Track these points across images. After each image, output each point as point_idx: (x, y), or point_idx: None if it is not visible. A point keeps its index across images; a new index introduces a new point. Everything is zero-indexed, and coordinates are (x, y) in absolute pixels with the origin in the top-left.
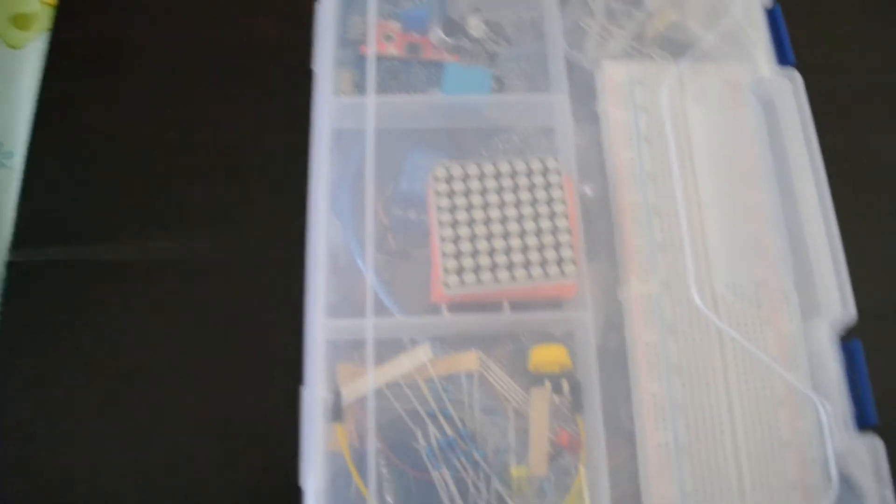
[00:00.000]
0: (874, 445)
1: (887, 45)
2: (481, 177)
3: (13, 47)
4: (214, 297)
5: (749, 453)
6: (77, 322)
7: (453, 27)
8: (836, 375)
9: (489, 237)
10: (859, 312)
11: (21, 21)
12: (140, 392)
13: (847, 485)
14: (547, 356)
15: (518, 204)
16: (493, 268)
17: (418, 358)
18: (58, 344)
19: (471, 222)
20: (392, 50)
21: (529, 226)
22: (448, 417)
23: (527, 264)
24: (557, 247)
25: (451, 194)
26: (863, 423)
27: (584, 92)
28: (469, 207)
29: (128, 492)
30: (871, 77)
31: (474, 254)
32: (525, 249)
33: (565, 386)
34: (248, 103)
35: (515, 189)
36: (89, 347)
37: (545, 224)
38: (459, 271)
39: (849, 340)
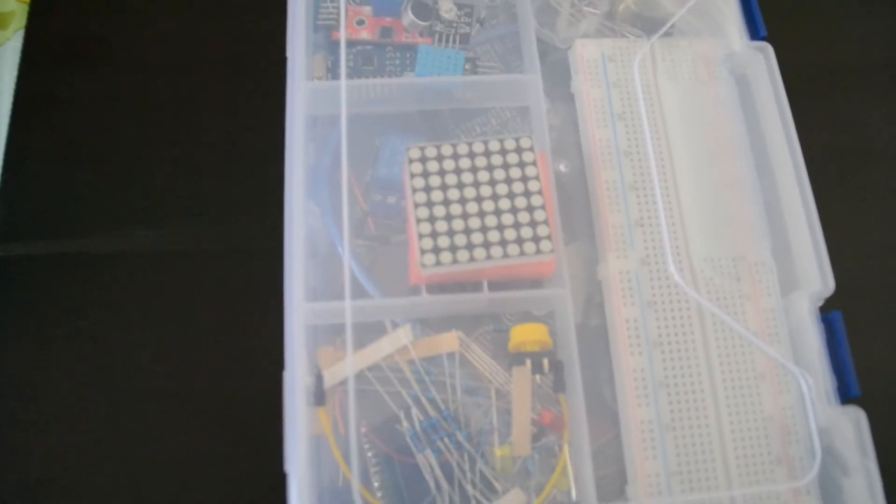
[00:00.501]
0: (857, 418)
1: (859, 18)
2: (455, 156)
3: None
4: (198, 286)
5: (732, 429)
6: (60, 314)
7: (425, 10)
8: (817, 348)
9: (465, 216)
10: (838, 286)
11: None
12: (125, 382)
13: (831, 458)
14: (527, 335)
15: (493, 183)
16: (469, 247)
17: (399, 340)
18: (42, 337)
19: (446, 202)
20: (364, 34)
21: (505, 204)
22: (430, 399)
23: (503, 242)
24: (533, 224)
25: (425, 175)
26: (845, 395)
27: (560, 72)
28: (444, 187)
29: (115, 481)
30: (844, 50)
31: (450, 233)
32: (501, 228)
33: (546, 365)
34: (226, 92)
35: (490, 168)
36: (73, 339)
37: (520, 202)
38: (436, 251)
39: (828, 313)
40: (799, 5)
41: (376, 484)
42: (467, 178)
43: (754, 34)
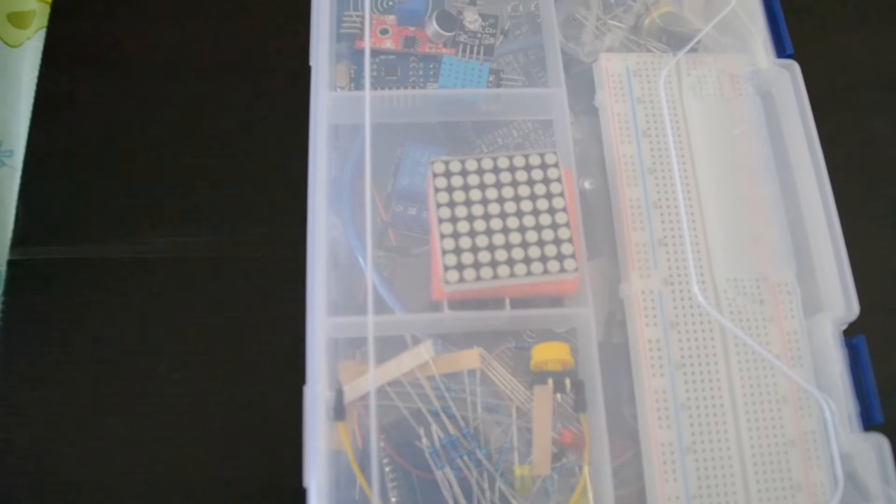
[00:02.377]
0: (880, 444)
1: (886, 36)
2: (480, 172)
3: (11, 46)
4: (216, 295)
5: (753, 452)
6: (77, 319)
7: (449, 20)
8: (840, 372)
9: (488, 233)
10: (863, 308)
11: (18, 19)
12: (141, 391)
13: (853, 484)
14: (549, 354)
15: (517, 199)
16: (493, 264)
17: (420, 356)
18: (58, 341)
19: (470, 218)
20: (388, 44)
21: (529, 221)
22: (451, 416)
23: (527, 260)
24: (557, 242)
25: (449, 189)
26: (868, 421)
27: (584, 85)
28: (468, 203)
29: (128, 491)
30: (871, 68)
31: (474, 250)
32: (525, 245)
33: (568, 384)
34: (247, 99)
35: (514, 184)
36: (90, 345)
37: (545, 219)
38: (459, 268)
39: (852, 336)
40: (826, 23)
41: (394, 500)
42: (491, 193)
43: (781, 52)
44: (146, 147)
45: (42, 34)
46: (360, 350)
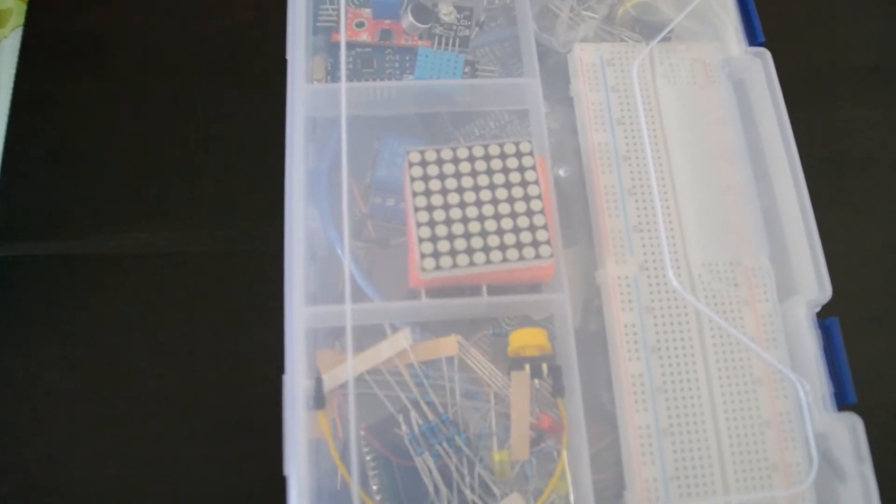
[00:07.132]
0: (853, 424)
1: (856, 24)
2: (455, 160)
3: None
4: (196, 288)
5: (730, 434)
6: (59, 315)
7: (424, 13)
8: (814, 354)
9: (464, 221)
10: (836, 291)
11: None
12: (124, 384)
13: (828, 463)
14: (526, 340)
15: (492, 187)
16: (469, 251)
17: (398, 344)
18: (41, 337)
19: (446, 206)
20: (364, 37)
21: (504, 209)
22: (429, 403)
23: (502, 247)
24: (532, 229)
25: (425, 179)
26: (842, 401)
27: (559, 75)
28: (444, 191)
29: (113, 484)
30: (841, 55)
31: (450, 237)
32: (500, 232)
33: (545, 369)
34: (226, 94)
35: (490, 172)
36: (72, 340)
37: (520, 207)
38: (436, 255)
39: (825, 318)
40: (796, 11)
41: (375, 487)
42: (467, 182)
43: (752, 39)
44: (125, 142)
45: (19, 32)
46: (339, 340)
